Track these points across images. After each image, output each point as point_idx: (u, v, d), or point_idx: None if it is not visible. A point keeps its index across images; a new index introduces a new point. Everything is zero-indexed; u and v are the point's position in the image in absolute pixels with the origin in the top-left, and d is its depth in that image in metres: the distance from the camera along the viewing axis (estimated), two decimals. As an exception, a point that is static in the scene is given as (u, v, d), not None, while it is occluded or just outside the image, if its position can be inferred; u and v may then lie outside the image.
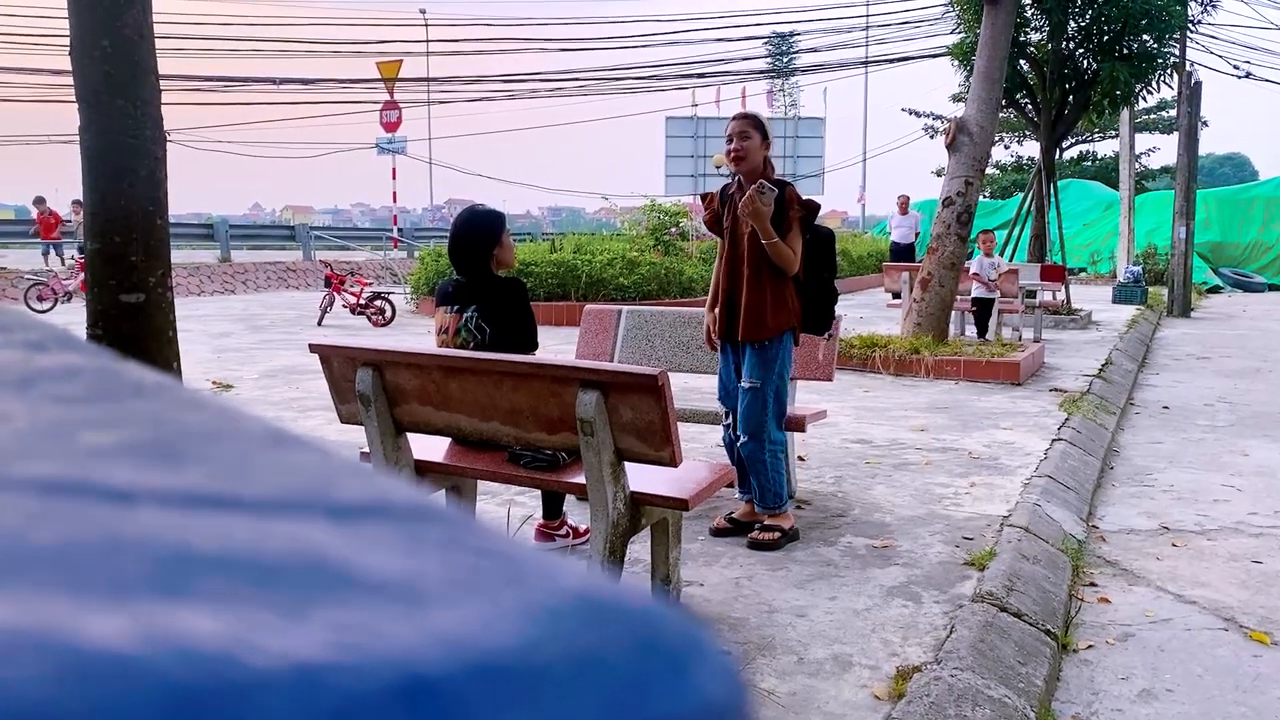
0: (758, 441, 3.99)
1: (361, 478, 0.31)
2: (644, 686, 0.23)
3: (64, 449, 0.31)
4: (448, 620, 0.22)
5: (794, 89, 46.38)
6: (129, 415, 0.34)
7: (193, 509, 0.27)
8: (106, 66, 2.53)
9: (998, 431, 6.30)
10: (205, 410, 0.36)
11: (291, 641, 0.21)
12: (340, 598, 0.23)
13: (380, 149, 25.15)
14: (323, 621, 0.22)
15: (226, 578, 0.23)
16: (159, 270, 2.64)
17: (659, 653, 0.23)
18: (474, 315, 3.68)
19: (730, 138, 3.98)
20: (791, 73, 40.42)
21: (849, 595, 3.45)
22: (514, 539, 0.28)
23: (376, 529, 0.27)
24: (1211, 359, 10.85)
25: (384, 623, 0.22)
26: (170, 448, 0.31)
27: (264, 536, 0.25)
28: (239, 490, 0.28)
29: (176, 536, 0.25)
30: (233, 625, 0.21)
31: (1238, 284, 22.82)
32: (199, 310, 14.73)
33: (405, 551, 0.25)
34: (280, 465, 0.31)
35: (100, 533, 0.25)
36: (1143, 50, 13.12)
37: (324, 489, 0.29)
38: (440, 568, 0.25)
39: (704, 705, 0.23)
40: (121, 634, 0.20)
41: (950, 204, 9.38)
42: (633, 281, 13.19)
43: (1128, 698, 2.95)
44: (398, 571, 0.24)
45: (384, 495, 0.29)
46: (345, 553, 0.25)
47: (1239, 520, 4.75)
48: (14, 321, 0.46)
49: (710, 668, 0.24)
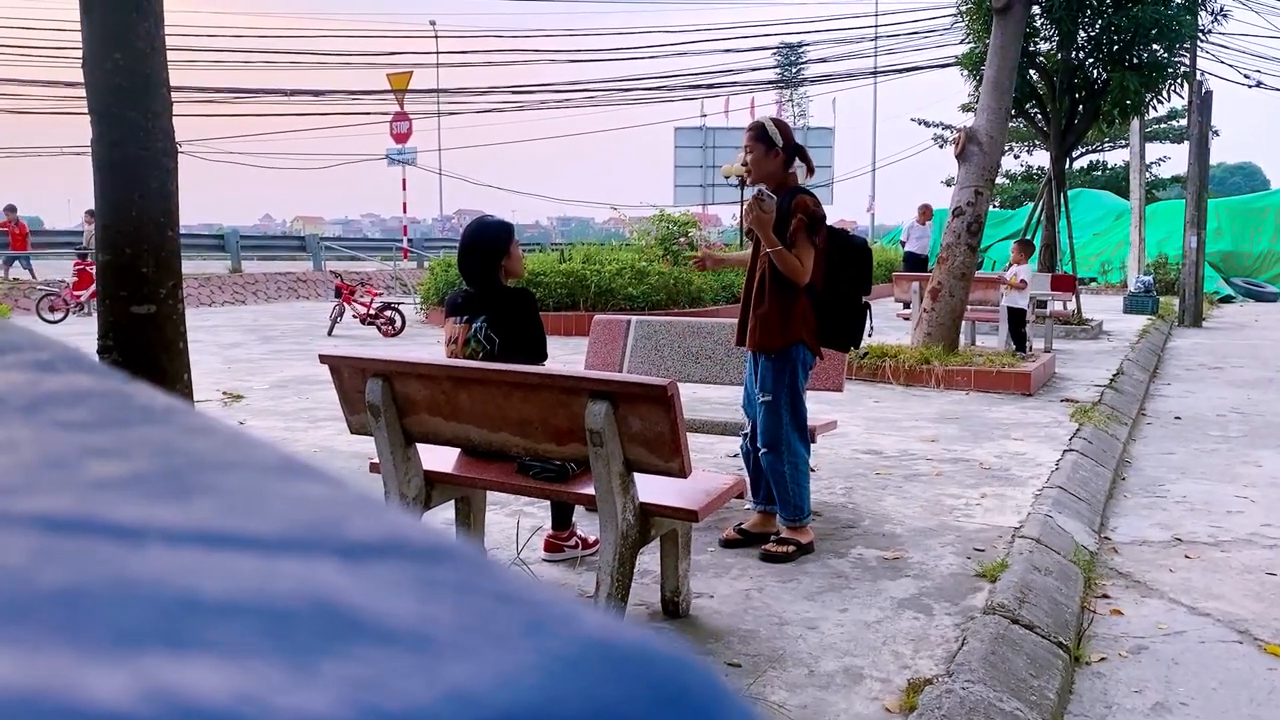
0: (776, 454, 3.97)
1: (373, 513, 0.30)
2: None
3: (70, 481, 0.30)
4: (462, 674, 0.22)
5: (803, 99, 46.46)
6: (137, 443, 0.34)
7: (200, 547, 0.26)
8: (118, 79, 2.55)
9: (1009, 442, 6.27)
10: (215, 436, 0.35)
11: (301, 701, 0.20)
12: (351, 649, 0.22)
13: (390, 160, 25.25)
14: (333, 677, 0.21)
15: (233, 626, 0.22)
16: (170, 282, 2.65)
17: (680, 705, 0.23)
18: (483, 326, 3.69)
19: (744, 151, 4.00)
20: (800, 83, 40.48)
21: (860, 607, 3.43)
22: (530, 581, 0.27)
23: (388, 570, 0.26)
24: (1224, 369, 10.79)
25: (397, 678, 0.21)
26: (179, 479, 0.31)
27: (272, 578, 0.25)
28: (247, 526, 0.28)
29: (183, 580, 0.24)
30: (239, 682, 0.20)
31: (1250, 293, 22.72)
32: (209, 321, 14.78)
33: (418, 596, 0.25)
34: (290, 498, 0.31)
35: (106, 575, 0.24)
36: (1153, 60, 13.09)
37: (335, 525, 0.29)
38: (454, 614, 0.24)
39: None
40: (122, 694, 0.19)
41: (960, 214, 9.36)
42: (641, 291, 13.19)
43: (1141, 711, 2.93)
44: (410, 618, 0.24)
45: (396, 533, 0.29)
46: (356, 598, 0.24)
47: (1253, 531, 4.71)
48: (24, 340, 0.46)
49: (730, 713, 0.23)
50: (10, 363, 0.41)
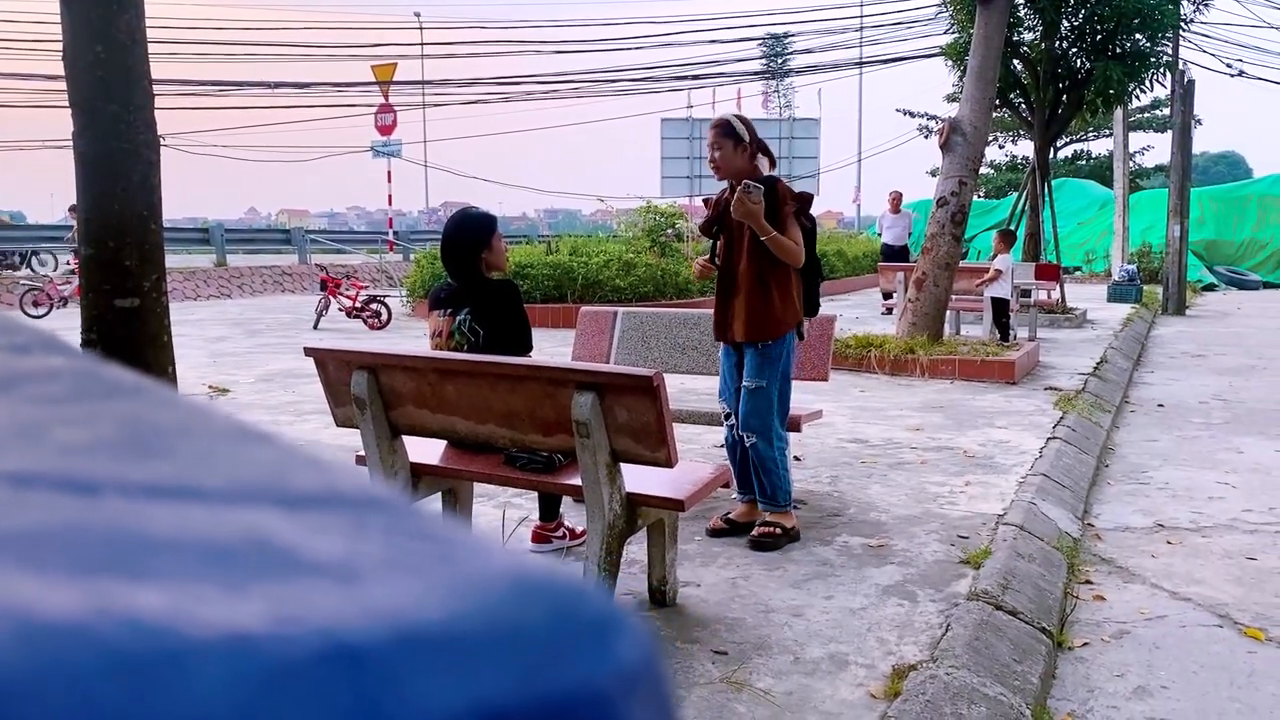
0: (765, 440, 4.00)
1: (316, 470, 0.33)
2: (561, 655, 0.24)
3: (37, 446, 0.32)
4: (379, 595, 0.24)
5: (789, 90, 46.47)
6: (103, 414, 0.36)
7: (154, 499, 0.28)
8: (99, 72, 2.53)
9: (993, 430, 6.31)
10: (177, 409, 0.37)
11: (229, 613, 0.22)
12: (281, 576, 0.24)
13: (375, 152, 25.16)
14: (261, 596, 0.23)
15: (177, 559, 0.25)
16: (153, 275, 2.64)
17: (578, 624, 0.25)
18: (467, 319, 3.69)
19: (710, 148, 4.02)
20: (786, 74, 40.46)
21: (845, 594, 3.46)
22: (452, 525, 0.30)
23: (324, 517, 0.29)
24: (1206, 357, 10.87)
25: (318, 597, 0.23)
26: (139, 444, 0.33)
27: (217, 523, 0.27)
28: (199, 481, 0.30)
29: (134, 523, 0.27)
30: (176, 599, 0.23)
31: (1232, 282, 22.87)
32: (195, 315, 14.71)
33: (348, 536, 0.27)
34: (241, 459, 0.33)
35: (63, 520, 0.26)
36: (1136, 49, 13.16)
37: (278, 480, 0.31)
38: (378, 550, 0.26)
39: (620, 672, 0.25)
40: (73, 606, 0.22)
41: (944, 204, 9.40)
42: (629, 283, 13.19)
43: (1123, 695, 2.96)
44: (338, 554, 0.26)
45: (334, 485, 0.31)
46: (291, 537, 0.26)
47: (1234, 517, 4.76)
48: (2, 325, 0.48)
49: (626, 638, 0.26)
50: None
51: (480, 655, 0.23)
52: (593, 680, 0.24)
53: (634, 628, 0.26)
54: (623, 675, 0.25)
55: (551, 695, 0.23)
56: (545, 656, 0.24)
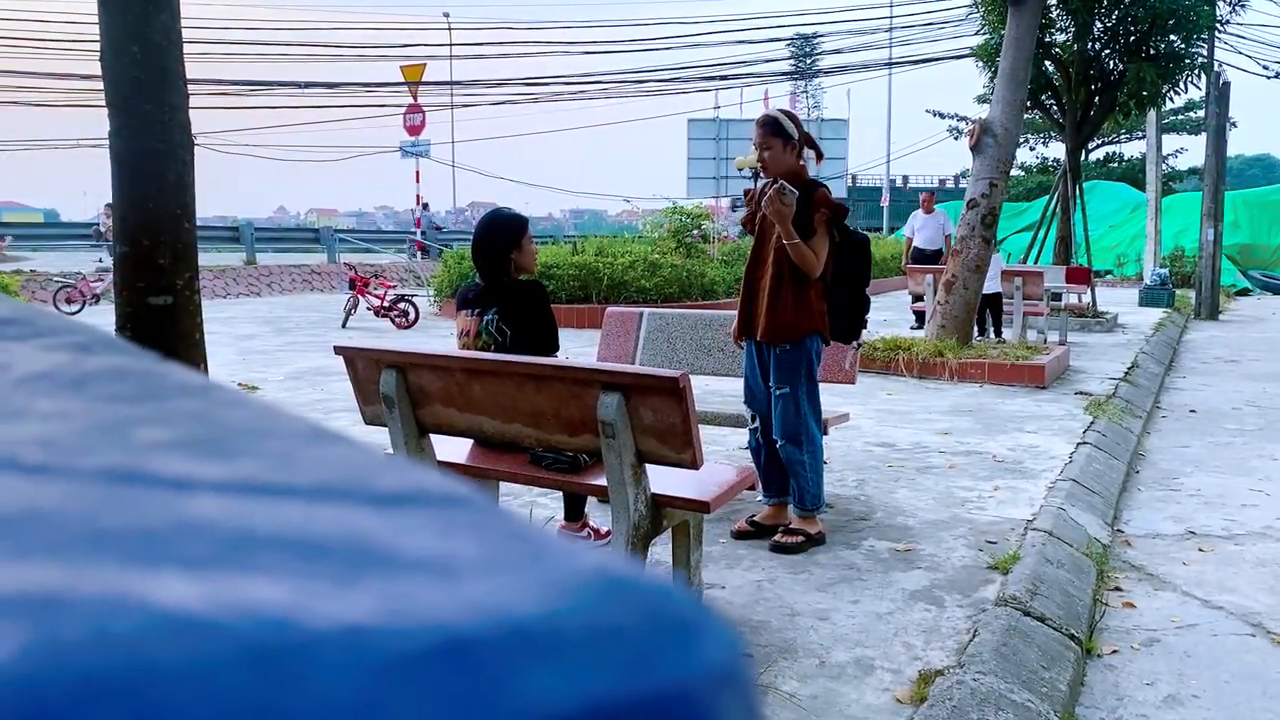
0: (796, 444, 3.98)
1: (397, 470, 0.34)
2: (654, 653, 0.25)
3: (122, 444, 0.33)
4: (480, 591, 0.25)
5: (817, 90, 46.30)
6: (178, 413, 0.37)
7: (246, 496, 0.30)
8: (136, 72, 2.56)
9: (1022, 435, 6.26)
10: (248, 408, 0.38)
11: (343, 607, 0.23)
12: (384, 572, 0.25)
13: (404, 152, 25.30)
14: (370, 590, 0.24)
15: (282, 554, 0.26)
16: (186, 274, 2.67)
17: (668, 625, 0.26)
18: (494, 319, 3.70)
19: (755, 146, 4.00)
20: (815, 74, 40.31)
21: (871, 599, 3.44)
22: (536, 525, 0.31)
23: (413, 515, 0.29)
24: (1240, 362, 10.73)
25: (423, 592, 0.24)
26: (219, 443, 0.34)
27: (314, 520, 0.28)
28: (286, 479, 0.31)
29: (235, 520, 0.28)
30: (291, 593, 0.24)
31: (1267, 286, 22.55)
32: (225, 312, 14.86)
33: (440, 534, 0.28)
34: (322, 459, 0.34)
35: (168, 517, 0.28)
36: (1170, 50, 13.00)
37: (364, 480, 0.32)
38: (472, 548, 0.27)
39: (708, 671, 0.25)
40: (195, 598, 0.23)
41: (975, 206, 9.33)
42: (654, 284, 13.19)
43: (1153, 703, 2.93)
44: (434, 551, 0.27)
45: (419, 485, 0.32)
46: (387, 534, 0.27)
47: (1267, 525, 4.70)
48: (61, 325, 0.50)
49: (714, 640, 0.26)
50: (52, 344, 0.45)
51: (582, 651, 0.24)
52: (684, 679, 0.25)
53: (722, 630, 0.27)
54: (712, 675, 0.25)
55: (647, 693, 0.24)
56: (641, 655, 0.25)
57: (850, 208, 4.10)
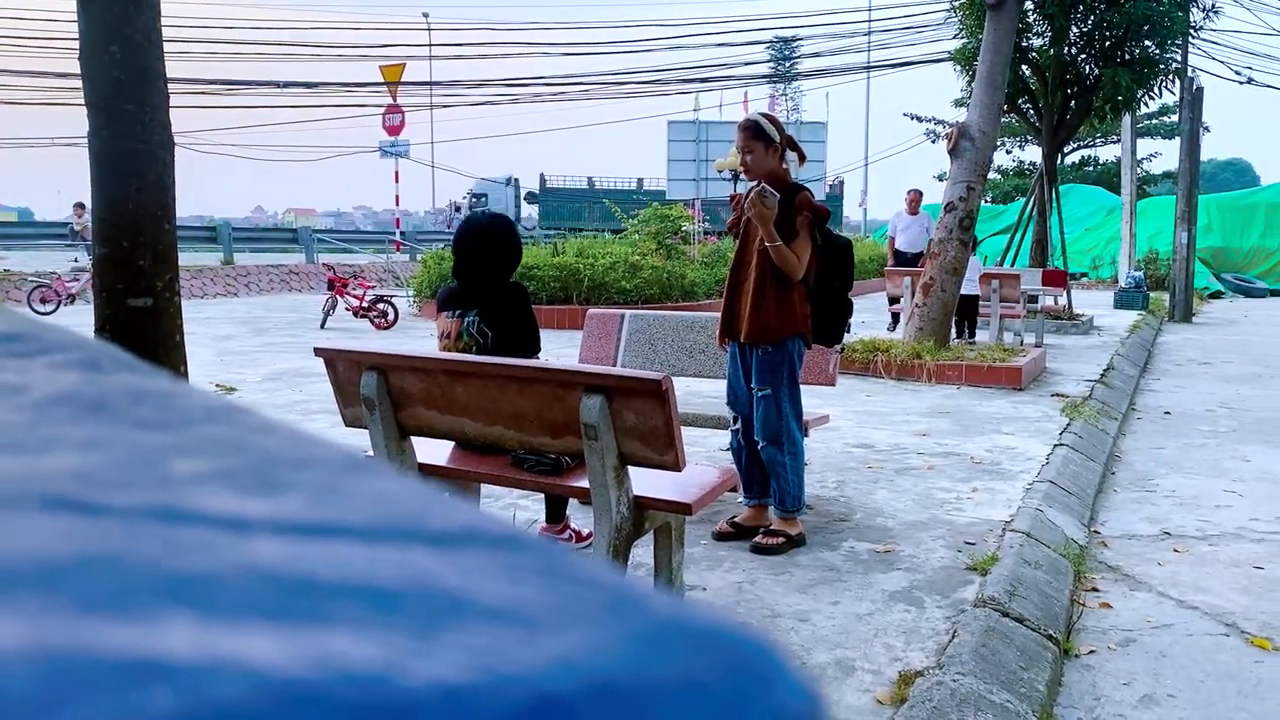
0: (777, 446, 4.00)
1: (447, 506, 0.33)
2: (739, 704, 0.25)
3: (162, 477, 0.32)
4: (561, 645, 0.25)
5: (796, 93, 46.43)
6: (209, 441, 0.36)
7: (301, 537, 0.29)
8: (115, 71, 2.55)
9: (1000, 436, 6.30)
10: (279, 435, 0.37)
11: (433, 664, 0.23)
12: (461, 623, 0.25)
13: (383, 152, 25.19)
14: (453, 646, 0.24)
15: (355, 603, 0.25)
16: (166, 275, 2.65)
17: (749, 673, 0.26)
18: (475, 320, 3.69)
19: (738, 149, 4.02)
20: (794, 77, 40.44)
21: (851, 600, 3.46)
22: (600, 566, 0.30)
23: (474, 556, 0.29)
24: (1213, 364, 10.85)
25: (508, 648, 0.24)
26: (260, 474, 0.33)
27: (375, 563, 0.27)
28: (338, 517, 0.30)
29: (297, 565, 0.27)
30: (379, 649, 0.23)
31: (1239, 289, 22.82)
32: (202, 313, 14.75)
33: (507, 579, 0.28)
34: (368, 493, 0.33)
35: (229, 561, 0.27)
36: (1145, 56, 13.12)
37: (417, 517, 0.31)
38: (544, 595, 0.27)
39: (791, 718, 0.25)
40: (286, 659, 0.22)
41: (952, 209, 9.39)
42: (635, 285, 13.20)
43: (1129, 703, 2.96)
44: (505, 598, 0.27)
45: (473, 523, 0.32)
46: (453, 580, 0.27)
47: (1240, 526, 4.76)
48: (65, 340, 0.48)
49: (793, 686, 0.27)
50: (60, 362, 0.43)
51: (667, 705, 0.24)
52: None
53: (800, 677, 0.27)
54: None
55: None
56: (724, 706, 0.25)
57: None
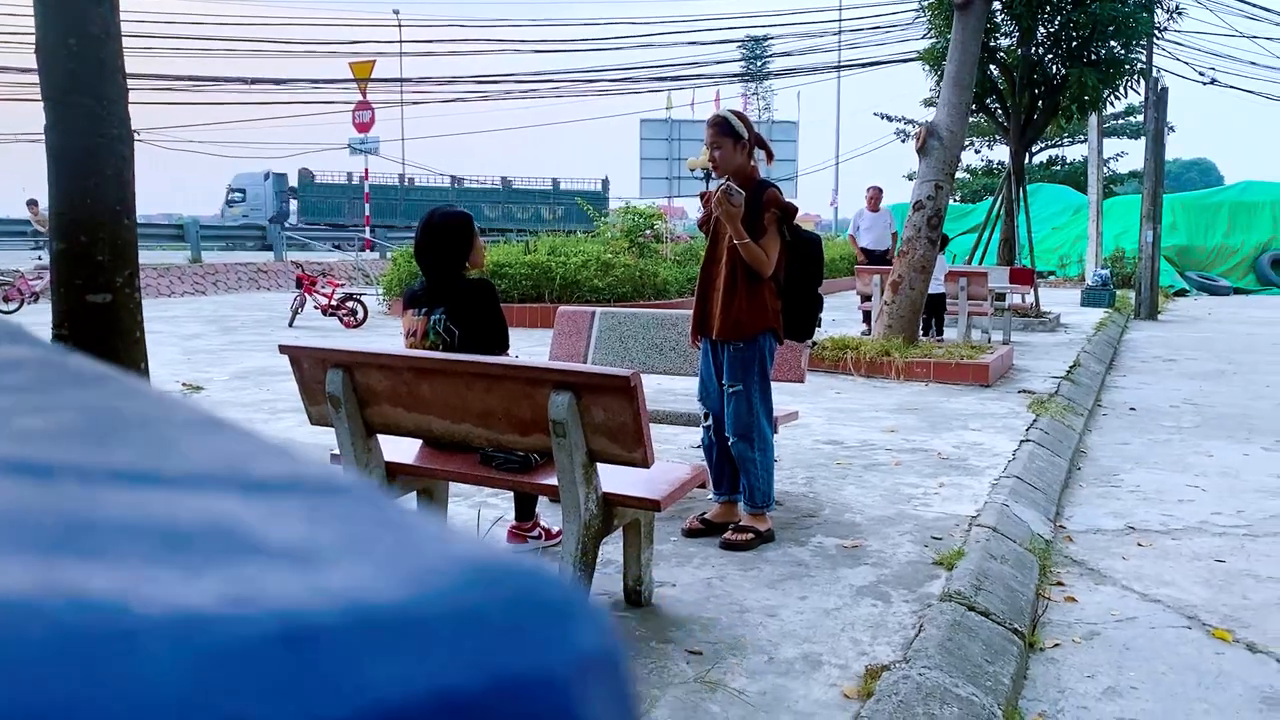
0: (747, 442, 4.01)
1: (280, 458, 0.32)
2: (520, 639, 0.24)
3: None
4: (336, 578, 0.24)
5: (767, 93, 46.59)
6: (67, 403, 0.36)
7: (112, 484, 0.28)
8: (72, 64, 2.51)
9: (967, 433, 6.35)
10: (142, 399, 0.37)
11: (183, 593, 0.22)
12: (238, 559, 0.24)
13: (353, 149, 25.03)
14: (217, 577, 0.23)
15: (132, 542, 0.25)
16: (126, 271, 2.62)
17: (538, 610, 0.25)
18: (442, 318, 3.67)
19: (707, 145, 4.03)
20: (765, 76, 40.57)
21: (819, 595, 3.47)
22: (418, 514, 0.30)
23: (284, 502, 0.29)
24: (1178, 361, 10.99)
25: (273, 579, 0.24)
26: (100, 431, 0.33)
27: (175, 508, 0.27)
28: (159, 467, 0.30)
29: (90, 506, 0.27)
30: (129, 580, 0.23)
31: (1204, 287, 23.12)
32: (169, 311, 14.58)
33: (308, 521, 0.27)
34: (203, 446, 0.33)
35: (16, 502, 0.27)
36: (1110, 56, 13.27)
37: (240, 467, 0.31)
38: (337, 535, 0.26)
39: (579, 659, 0.25)
40: (20, 583, 0.22)
41: (921, 208, 9.45)
42: (607, 284, 13.19)
43: (1093, 695, 2.99)
44: (298, 539, 0.26)
45: (297, 472, 0.31)
46: (249, 522, 0.26)
47: (1203, 520, 4.82)
48: None
49: (588, 627, 0.26)
50: None
51: (436, 638, 0.23)
52: (550, 665, 0.24)
53: (596, 616, 0.26)
54: (582, 662, 0.25)
55: (507, 678, 0.23)
56: (503, 641, 0.24)
57: None
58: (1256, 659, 3.25)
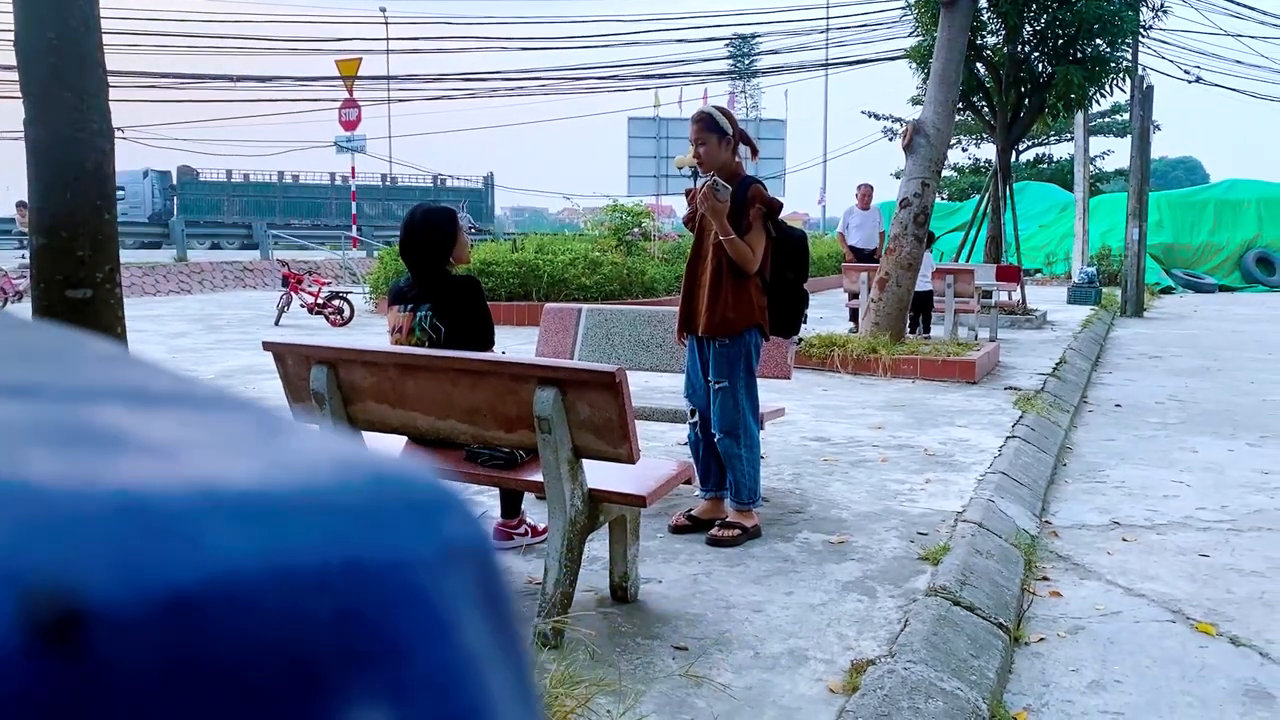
0: (733, 438, 4.01)
1: (178, 379, 0.32)
2: (377, 524, 0.24)
3: None
4: (192, 466, 0.24)
5: (755, 91, 46.61)
6: None
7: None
8: (52, 58, 2.48)
9: (953, 429, 6.37)
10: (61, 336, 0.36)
11: (20, 469, 0.22)
12: (100, 452, 0.24)
13: (339, 147, 24.95)
14: (59, 463, 0.23)
15: None
16: (107, 266, 2.59)
17: (397, 500, 0.25)
18: (428, 314, 3.66)
19: (691, 141, 4.02)
20: (753, 74, 40.60)
21: (805, 590, 3.48)
22: (305, 425, 0.29)
23: (166, 412, 0.28)
24: (1163, 358, 11.05)
25: (127, 465, 0.23)
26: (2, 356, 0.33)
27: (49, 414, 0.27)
28: (47, 382, 0.30)
29: None
30: None
31: (1189, 285, 23.24)
32: (154, 310, 14.51)
33: (183, 424, 0.27)
34: (104, 369, 0.33)
35: None
36: (1096, 54, 13.32)
37: (134, 385, 0.31)
38: (210, 436, 0.26)
39: (439, 547, 0.25)
40: None
41: (907, 205, 9.47)
42: (595, 281, 13.18)
43: (1078, 689, 3.00)
44: (164, 437, 0.26)
45: (188, 389, 0.31)
46: (124, 424, 0.26)
47: (1187, 515, 4.84)
48: None
49: (451, 518, 0.26)
50: None
51: (285, 519, 0.23)
52: (405, 552, 0.24)
53: (462, 512, 0.26)
54: (441, 553, 0.25)
55: (356, 561, 0.23)
56: (358, 526, 0.24)
57: None
58: (1240, 652, 3.27)
